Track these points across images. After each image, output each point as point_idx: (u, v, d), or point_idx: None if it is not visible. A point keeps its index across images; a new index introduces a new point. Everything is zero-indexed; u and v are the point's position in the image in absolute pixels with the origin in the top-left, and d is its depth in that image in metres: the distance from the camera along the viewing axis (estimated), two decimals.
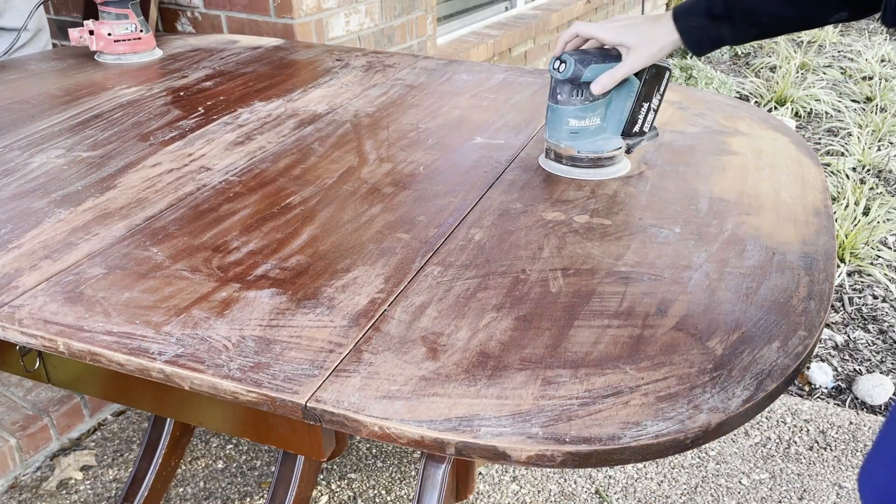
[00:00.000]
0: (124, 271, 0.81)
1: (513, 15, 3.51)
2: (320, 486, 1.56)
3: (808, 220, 0.93)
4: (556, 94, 0.98)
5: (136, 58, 1.59)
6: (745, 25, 0.91)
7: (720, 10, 0.91)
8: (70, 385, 0.88)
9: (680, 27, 0.93)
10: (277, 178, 1.04)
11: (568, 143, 1.01)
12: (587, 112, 0.99)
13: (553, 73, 0.97)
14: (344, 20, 2.22)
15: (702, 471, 1.60)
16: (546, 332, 0.71)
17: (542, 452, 0.59)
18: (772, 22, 0.90)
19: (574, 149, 1.01)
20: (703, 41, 0.94)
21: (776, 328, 0.72)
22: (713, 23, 0.92)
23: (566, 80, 0.96)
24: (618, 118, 1.01)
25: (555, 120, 1.01)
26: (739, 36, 0.92)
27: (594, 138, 1.01)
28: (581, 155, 1.01)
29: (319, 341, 0.70)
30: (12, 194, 0.99)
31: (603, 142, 1.02)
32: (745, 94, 3.84)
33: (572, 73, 0.95)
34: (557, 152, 1.03)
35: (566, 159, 1.02)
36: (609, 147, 1.02)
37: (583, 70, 0.95)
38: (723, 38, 0.93)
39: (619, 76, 0.95)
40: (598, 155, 1.01)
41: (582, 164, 1.02)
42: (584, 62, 0.95)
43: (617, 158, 1.03)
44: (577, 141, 1.01)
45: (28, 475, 1.59)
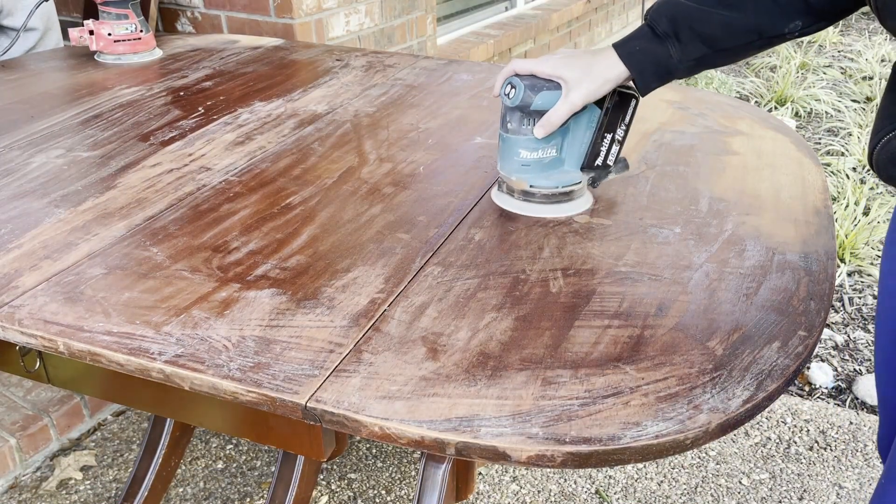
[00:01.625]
0: (124, 271, 0.81)
1: (513, 15, 3.51)
2: (320, 486, 1.56)
3: (809, 220, 0.93)
4: (507, 121, 0.90)
5: (136, 58, 1.59)
6: (693, 42, 0.82)
7: (664, 28, 0.83)
8: (70, 385, 0.88)
9: (622, 54, 0.85)
10: (277, 178, 1.04)
11: (520, 175, 0.91)
12: (541, 143, 0.89)
13: (503, 99, 0.89)
14: (344, 20, 2.22)
15: (702, 471, 1.60)
16: (546, 332, 0.71)
17: (543, 453, 0.59)
18: (723, 35, 0.81)
19: (526, 182, 0.91)
20: (647, 67, 0.84)
21: (776, 328, 0.72)
22: (657, 43, 0.83)
23: (516, 107, 0.87)
24: (577, 150, 0.92)
25: (506, 150, 0.91)
26: (687, 56, 0.83)
27: (549, 171, 0.92)
28: (533, 190, 0.92)
29: (319, 341, 0.70)
30: (12, 194, 0.99)
31: (559, 175, 0.92)
32: (746, 94, 3.85)
33: (521, 99, 0.86)
34: (509, 185, 0.94)
35: (518, 193, 0.93)
36: (565, 181, 0.92)
37: (532, 97, 0.86)
38: (669, 59, 0.83)
39: (559, 117, 0.86)
40: (552, 190, 0.92)
41: (535, 200, 0.92)
42: (534, 88, 0.86)
43: (576, 193, 0.94)
44: (530, 174, 0.91)
45: (28, 475, 1.59)
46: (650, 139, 1.17)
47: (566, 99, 0.85)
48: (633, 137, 1.17)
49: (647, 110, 1.29)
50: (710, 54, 0.82)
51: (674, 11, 0.82)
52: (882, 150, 0.75)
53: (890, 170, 0.74)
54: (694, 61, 0.83)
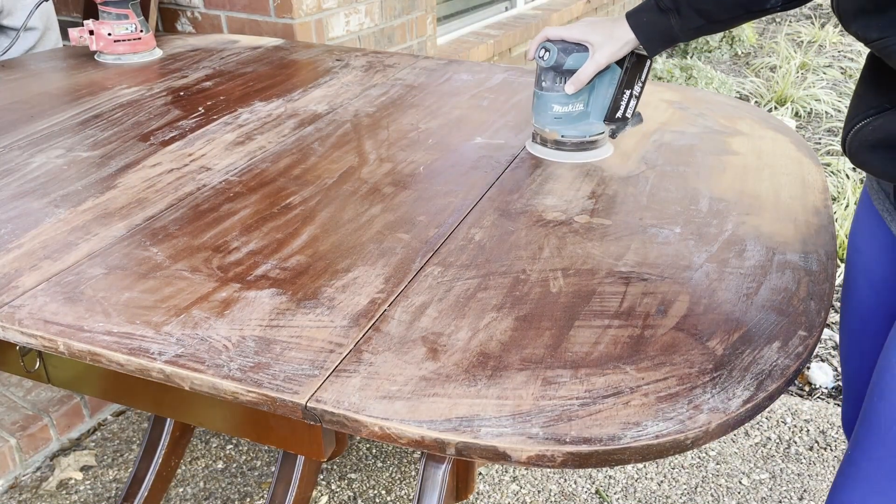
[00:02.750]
0: (124, 271, 0.81)
1: (513, 15, 3.51)
2: (320, 486, 1.56)
3: (809, 220, 0.93)
4: (541, 80, 1.04)
5: (136, 58, 1.59)
6: (691, 15, 0.94)
7: (667, 3, 0.95)
8: (70, 385, 0.88)
9: (632, 24, 0.99)
10: (277, 178, 1.04)
11: (552, 127, 1.07)
12: (570, 98, 1.04)
13: (538, 61, 1.03)
14: (344, 20, 2.22)
15: (702, 471, 1.60)
16: (546, 332, 0.71)
17: (543, 453, 0.59)
18: (716, 9, 0.93)
19: (558, 133, 1.07)
20: (653, 35, 0.98)
21: (776, 328, 0.72)
22: (661, 16, 0.96)
23: (550, 67, 1.02)
24: (601, 104, 1.06)
25: (540, 105, 1.06)
26: (687, 26, 0.95)
27: (577, 123, 1.06)
28: (565, 139, 1.07)
29: (319, 341, 0.70)
30: (12, 194, 0.99)
31: (586, 126, 1.07)
32: (746, 94, 3.84)
33: (555, 60, 1.01)
34: (543, 136, 1.09)
35: (551, 143, 1.08)
36: (592, 131, 1.07)
37: (565, 58, 1.01)
38: (671, 29, 0.96)
39: (587, 75, 1.01)
40: (581, 139, 1.07)
41: (566, 148, 1.08)
42: (566, 51, 1.01)
43: (600, 142, 1.09)
44: (561, 126, 1.06)
45: (28, 475, 1.59)
46: (650, 139, 1.17)
47: (593, 59, 1.00)
48: (633, 137, 1.17)
49: (648, 110, 1.29)
50: (706, 24, 0.95)
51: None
52: (854, 137, 0.79)
53: (861, 155, 0.79)
54: (693, 30, 0.96)
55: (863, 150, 0.78)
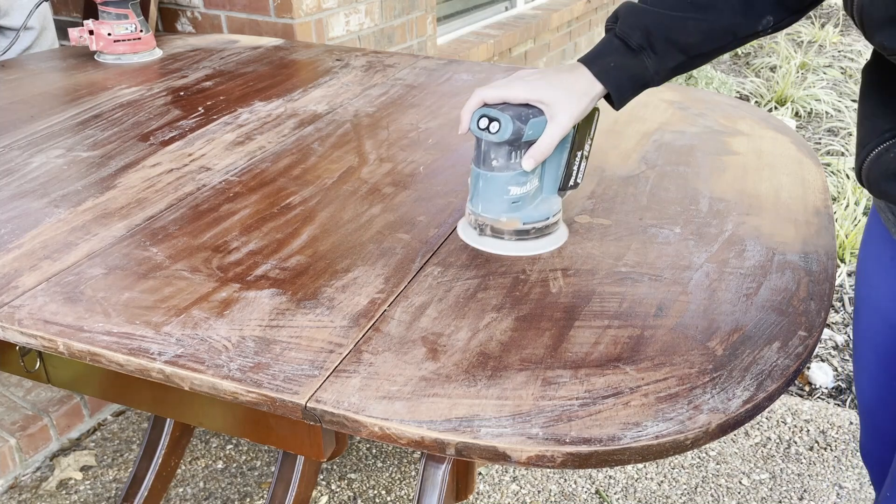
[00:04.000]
0: (124, 271, 0.81)
1: (513, 15, 3.51)
2: (320, 487, 1.56)
3: (809, 221, 0.93)
4: (490, 159, 0.81)
5: (135, 58, 1.59)
6: (669, 51, 0.79)
7: (638, 41, 0.79)
8: (70, 385, 0.88)
9: (597, 71, 0.80)
10: (277, 178, 1.04)
11: (511, 215, 0.84)
12: (528, 176, 0.83)
13: (482, 136, 0.80)
14: (344, 20, 2.22)
15: (702, 471, 1.60)
16: (546, 332, 0.71)
17: (543, 453, 0.59)
18: (700, 41, 0.79)
19: (519, 220, 0.84)
20: (624, 83, 0.81)
21: (776, 328, 0.72)
22: (632, 57, 0.80)
23: (504, 142, 0.79)
24: (554, 174, 0.87)
25: (491, 190, 0.83)
26: (664, 66, 0.80)
27: (535, 203, 0.86)
28: (528, 226, 0.85)
29: (319, 342, 0.70)
30: (12, 194, 0.99)
31: (545, 205, 0.86)
32: (746, 94, 3.84)
33: (511, 132, 0.78)
34: (496, 227, 0.85)
35: (509, 234, 0.85)
36: (553, 210, 0.87)
37: (523, 127, 0.78)
38: (645, 71, 0.80)
39: (550, 145, 0.80)
40: (544, 222, 0.86)
41: (530, 237, 0.86)
42: (521, 118, 0.78)
43: (560, 221, 0.89)
44: (521, 211, 0.84)
45: (28, 475, 1.59)
46: (650, 139, 1.17)
47: (555, 123, 0.79)
48: (633, 137, 1.17)
49: (648, 110, 1.29)
50: (686, 61, 0.80)
51: (645, 22, 0.79)
52: (873, 165, 0.72)
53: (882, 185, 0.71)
54: (670, 70, 0.81)
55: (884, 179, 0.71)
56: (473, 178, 0.84)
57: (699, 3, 0.78)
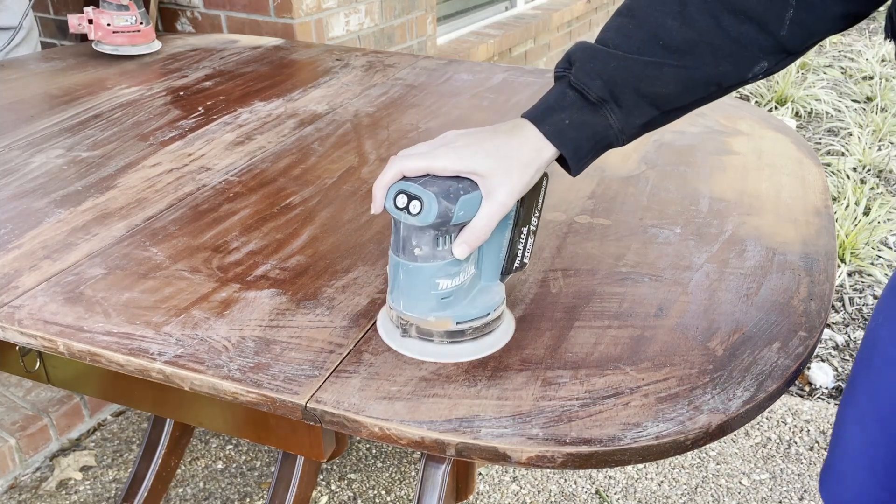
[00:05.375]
0: (124, 271, 0.81)
1: (513, 15, 3.51)
2: (320, 487, 1.56)
3: (809, 221, 0.93)
4: (411, 247, 0.64)
5: (134, 50, 1.58)
6: (639, 105, 0.64)
7: (598, 93, 0.64)
8: (70, 385, 0.88)
9: (548, 131, 0.64)
10: (277, 178, 1.04)
11: (441, 314, 0.66)
12: (461, 265, 0.65)
13: (400, 218, 0.62)
14: (344, 20, 2.22)
15: (702, 471, 1.60)
16: (546, 332, 0.71)
17: (543, 453, 0.59)
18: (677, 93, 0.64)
19: (451, 320, 0.67)
20: (582, 144, 0.65)
21: (776, 329, 0.72)
22: (591, 113, 0.64)
23: (428, 226, 0.62)
24: (495, 257, 0.69)
25: (415, 285, 0.65)
26: (631, 122, 0.65)
27: (471, 295, 0.68)
28: (462, 326, 0.67)
29: (319, 342, 0.70)
30: (12, 194, 0.99)
31: (484, 297, 0.69)
32: (746, 93, 3.84)
33: (436, 214, 0.61)
34: (423, 328, 0.68)
35: (440, 336, 0.68)
36: (494, 302, 0.69)
37: (451, 207, 0.61)
38: (608, 129, 0.65)
39: (488, 228, 0.63)
40: (484, 319, 0.68)
41: (465, 338, 0.68)
42: (448, 196, 0.61)
43: (504, 315, 0.72)
44: (454, 308, 0.67)
45: (28, 475, 1.59)
46: (650, 139, 1.17)
47: (492, 200, 0.62)
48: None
49: None
50: (658, 116, 0.66)
51: (608, 69, 0.64)
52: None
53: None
54: (639, 127, 0.66)
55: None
56: (392, 267, 0.66)
57: (675, 46, 0.63)
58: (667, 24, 0.63)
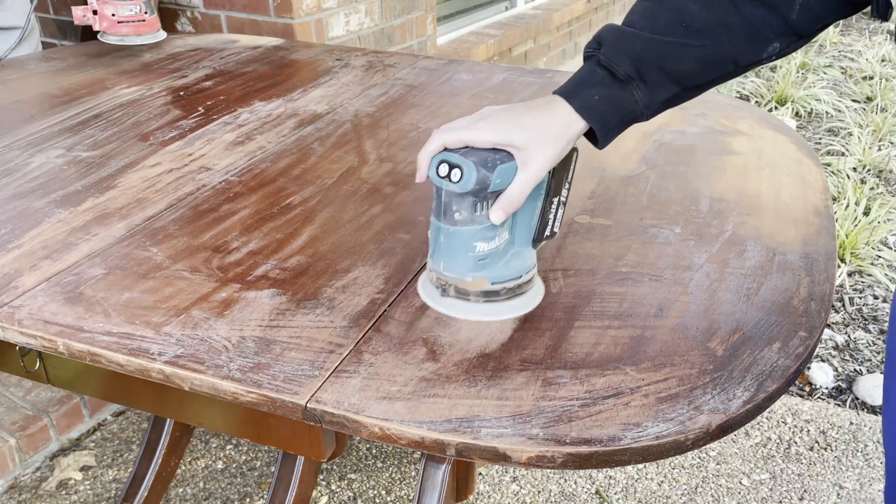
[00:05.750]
0: (124, 271, 0.81)
1: (513, 15, 3.51)
2: (320, 487, 1.56)
3: (809, 221, 0.93)
4: (452, 211, 0.70)
5: (139, 39, 1.59)
6: (662, 82, 0.70)
7: (627, 71, 0.69)
8: (70, 385, 0.88)
9: (579, 106, 0.70)
10: (277, 178, 1.04)
11: (478, 274, 0.73)
12: (496, 229, 0.71)
13: (442, 185, 0.69)
14: (344, 20, 2.22)
15: (702, 471, 1.60)
16: (546, 332, 0.71)
17: (543, 454, 0.59)
18: (697, 70, 0.70)
19: (487, 280, 0.73)
20: (610, 118, 0.71)
21: (777, 329, 0.72)
22: (620, 89, 0.70)
23: (467, 192, 0.68)
24: (527, 225, 0.75)
25: (454, 247, 0.72)
26: (655, 98, 0.71)
27: (505, 259, 0.74)
28: (496, 286, 0.73)
29: (320, 342, 0.70)
30: (12, 194, 0.99)
31: (517, 261, 0.75)
32: (746, 93, 3.84)
33: (475, 181, 0.67)
34: (460, 287, 0.74)
35: (476, 295, 0.74)
36: (526, 266, 0.75)
37: (489, 175, 0.67)
38: (634, 105, 0.71)
39: (522, 195, 0.69)
40: (516, 280, 0.75)
41: (500, 298, 0.74)
42: (486, 165, 0.67)
43: (534, 279, 0.78)
44: (490, 269, 0.73)
45: (28, 475, 1.59)
46: (650, 139, 1.17)
47: (526, 170, 0.68)
48: (633, 137, 1.17)
49: None
50: (679, 93, 0.72)
51: (635, 49, 0.70)
52: None
53: None
54: (662, 103, 0.72)
55: None
56: (433, 232, 0.73)
57: (696, 28, 0.69)
58: (689, 8, 0.69)
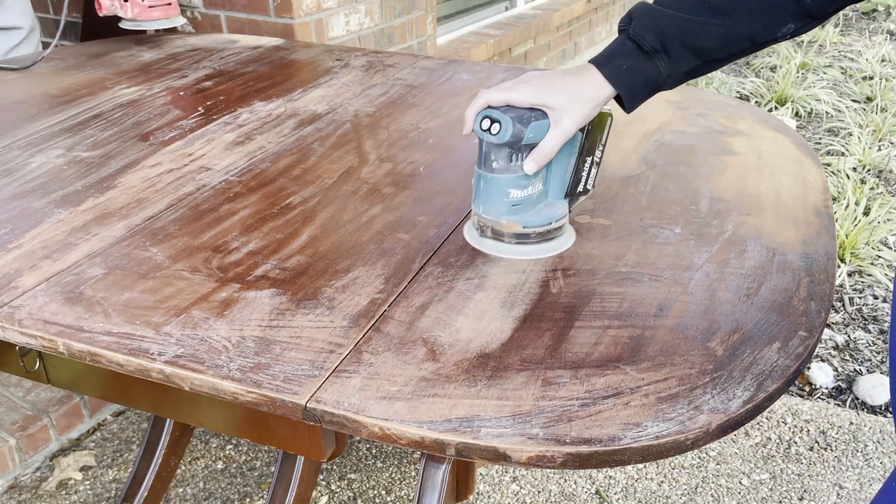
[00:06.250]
0: (124, 271, 0.81)
1: (513, 15, 3.51)
2: (320, 487, 1.56)
3: (809, 221, 0.93)
4: (490, 160, 0.81)
5: (168, 23, 1.68)
6: (684, 55, 0.78)
7: (652, 44, 0.78)
8: (70, 385, 0.88)
9: (608, 74, 0.79)
10: (277, 178, 1.04)
11: (511, 217, 0.84)
12: (529, 179, 0.82)
13: (483, 137, 0.80)
14: (344, 20, 2.22)
15: (702, 471, 1.60)
16: (546, 332, 0.71)
17: (543, 453, 0.59)
18: (716, 47, 0.77)
19: (519, 223, 0.84)
20: (637, 86, 0.80)
21: (777, 329, 0.72)
22: (645, 60, 0.78)
23: (504, 143, 0.79)
24: (560, 179, 0.86)
25: (491, 192, 0.83)
26: (678, 70, 0.79)
27: (539, 207, 0.85)
28: (528, 230, 0.85)
29: (319, 342, 0.70)
30: (12, 194, 0.99)
31: (548, 210, 0.86)
32: (746, 93, 3.84)
33: (511, 134, 0.78)
34: (497, 229, 0.85)
35: (508, 237, 0.85)
36: (557, 215, 0.86)
37: (523, 130, 0.78)
38: (658, 75, 0.79)
39: (552, 150, 0.79)
40: (546, 227, 0.85)
41: (530, 241, 0.85)
42: (522, 121, 0.78)
43: (564, 227, 0.88)
44: (521, 214, 0.84)
45: (28, 475, 1.59)
46: (650, 139, 1.17)
47: (558, 127, 0.78)
48: (633, 137, 1.17)
49: (648, 110, 1.29)
50: (700, 66, 0.79)
51: (660, 24, 0.78)
52: None
53: None
54: (684, 74, 0.79)
55: None
56: (475, 178, 0.84)
57: (718, 8, 0.76)
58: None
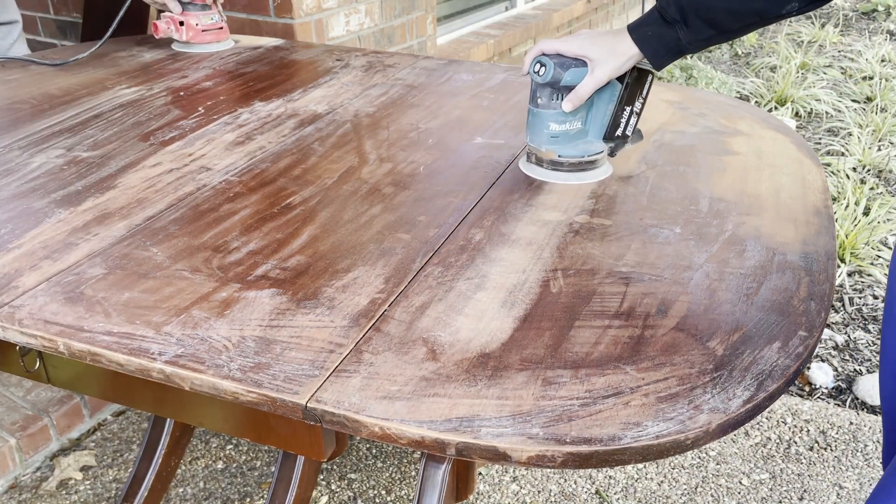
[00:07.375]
0: (124, 271, 0.81)
1: (513, 15, 3.51)
2: (320, 487, 1.56)
3: (809, 221, 0.93)
4: (537, 97, 0.99)
5: (218, 46, 1.68)
6: (699, 26, 0.90)
7: (674, 14, 0.90)
8: (70, 385, 0.88)
9: (636, 38, 0.93)
10: (277, 178, 1.04)
11: (549, 146, 1.01)
12: (568, 116, 0.98)
13: (533, 77, 0.96)
14: (344, 20, 2.22)
15: (702, 471, 1.60)
16: (546, 332, 0.71)
17: (543, 453, 0.59)
18: (727, 19, 0.89)
19: (555, 153, 1.01)
20: (659, 49, 0.93)
21: (777, 328, 0.72)
22: (667, 28, 0.92)
23: (546, 83, 0.96)
24: (600, 122, 1.01)
25: (535, 124, 1.00)
26: (696, 38, 0.91)
27: (575, 142, 1.01)
28: (562, 159, 1.01)
29: (320, 341, 0.70)
30: (12, 194, 0.99)
31: (584, 145, 1.02)
32: (746, 94, 3.84)
33: (552, 76, 0.95)
34: (538, 156, 1.03)
35: (547, 163, 1.03)
36: (590, 151, 1.02)
37: (562, 73, 0.95)
38: (679, 42, 0.92)
39: (586, 92, 0.96)
40: (579, 159, 1.01)
41: (563, 168, 1.02)
42: (563, 66, 0.95)
43: (599, 162, 1.03)
44: (558, 145, 1.00)
45: (28, 475, 1.59)
46: (650, 139, 1.17)
47: (592, 75, 0.95)
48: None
49: (648, 110, 1.29)
50: (715, 35, 0.91)
51: None
52: None
53: None
54: (702, 41, 0.92)
55: None
56: (528, 113, 1.01)
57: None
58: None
